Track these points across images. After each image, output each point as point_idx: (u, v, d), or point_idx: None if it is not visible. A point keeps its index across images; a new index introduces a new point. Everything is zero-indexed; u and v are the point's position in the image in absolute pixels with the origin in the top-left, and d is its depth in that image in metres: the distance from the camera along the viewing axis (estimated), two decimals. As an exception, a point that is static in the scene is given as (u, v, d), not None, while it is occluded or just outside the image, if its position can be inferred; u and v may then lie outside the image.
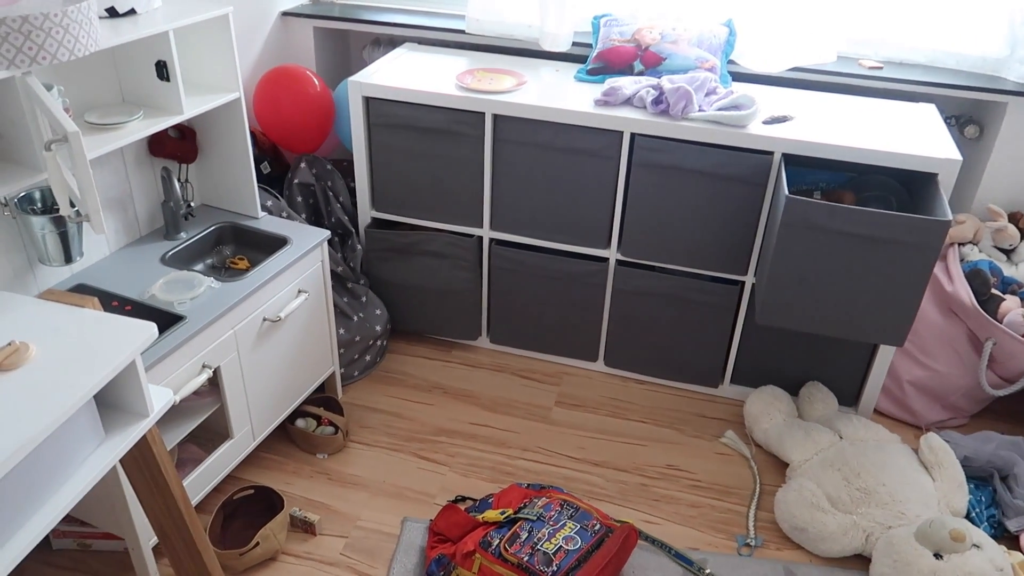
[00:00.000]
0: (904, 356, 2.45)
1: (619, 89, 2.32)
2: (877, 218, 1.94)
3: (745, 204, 2.26)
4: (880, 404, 2.51)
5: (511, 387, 2.61)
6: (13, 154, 1.67)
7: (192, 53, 2.09)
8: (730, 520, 2.15)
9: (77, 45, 1.52)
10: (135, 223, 2.19)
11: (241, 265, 2.24)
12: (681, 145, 2.23)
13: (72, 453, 1.27)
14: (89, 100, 1.96)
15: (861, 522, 2.01)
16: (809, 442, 2.22)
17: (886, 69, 2.52)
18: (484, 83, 2.41)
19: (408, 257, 2.65)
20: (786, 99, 2.43)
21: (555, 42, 2.61)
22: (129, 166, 2.13)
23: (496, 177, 2.46)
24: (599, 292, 2.54)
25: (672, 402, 2.58)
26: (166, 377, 1.78)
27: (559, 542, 1.82)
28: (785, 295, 2.09)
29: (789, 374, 2.51)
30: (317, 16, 2.81)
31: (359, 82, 2.42)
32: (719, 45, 2.51)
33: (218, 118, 2.19)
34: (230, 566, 1.92)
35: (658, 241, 2.39)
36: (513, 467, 2.29)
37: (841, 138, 2.16)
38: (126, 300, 1.93)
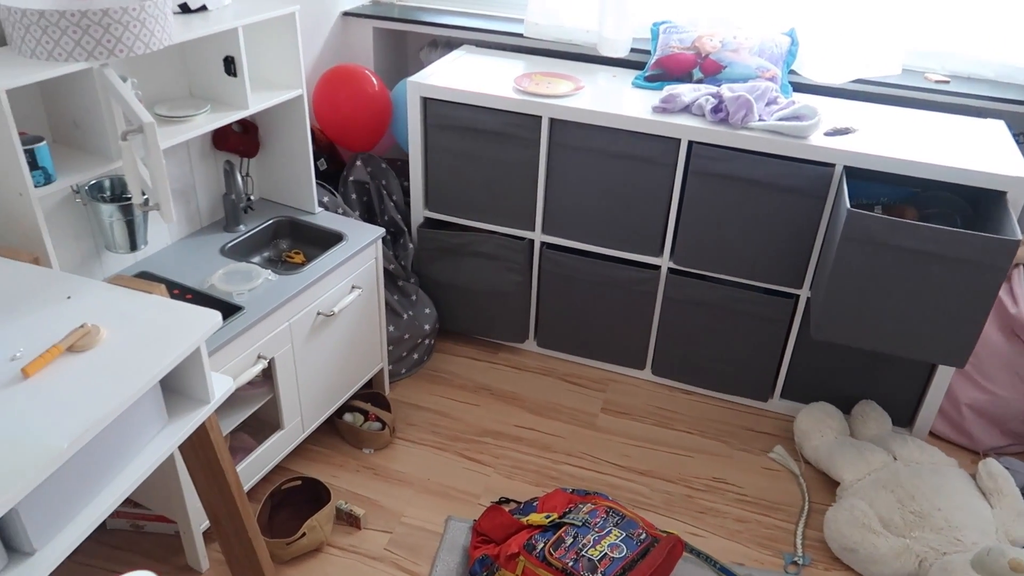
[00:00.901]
0: (963, 378, 2.39)
1: (678, 96, 2.31)
2: (942, 235, 1.89)
3: (803, 216, 2.22)
4: (936, 426, 2.45)
5: (557, 392, 2.60)
6: (87, 143, 1.73)
7: (258, 50, 2.13)
8: (777, 537, 2.12)
9: (152, 39, 1.56)
10: (197, 214, 2.24)
11: (297, 259, 2.27)
12: (739, 154, 2.20)
13: (137, 435, 1.30)
14: (159, 93, 2.01)
15: (914, 546, 1.95)
16: (862, 461, 2.18)
17: (953, 83, 2.46)
18: (541, 87, 2.41)
19: (459, 257, 2.67)
20: (848, 111, 2.39)
21: (613, 48, 2.60)
22: (194, 158, 2.18)
23: (550, 181, 2.46)
24: (649, 300, 2.52)
25: (719, 414, 2.55)
26: (223, 366, 1.82)
27: (604, 549, 1.81)
28: (842, 310, 2.05)
29: (842, 391, 2.46)
30: (377, 17, 2.84)
31: (418, 83, 2.44)
32: (781, 55, 2.47)
33: (280, 114, 2.23)
34: (276, 555, 1.94)
35: (712, 251, 2.36)
36: (557, 472, 2.29)
37: (905, 152, 2.11)
38: (187, 289, 1.97)
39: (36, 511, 1.11)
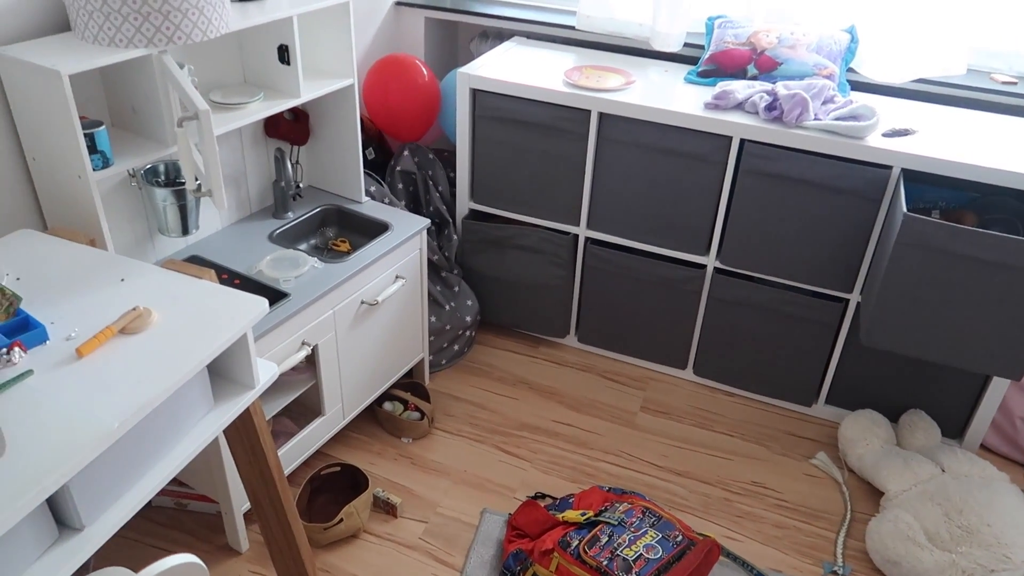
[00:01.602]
0: (1019, 391, 2.31)
1: (731, 93, 2.26)
2: (1002, 243, 1.82)
3: (857, 219, 2.17)
4: (988, 439, 2.37)
5: (596, 388, 2.59)
6: (144, 128, 1.76)
7: (311, 38, 2.15)
8: (817, 545, 2.08)
9: (210, 27, 1.58)
10: (247, 200, 2.27)
11: (343, 247, 2.29)
12: (793, 154, 2.15)
13: (184, 417, 1.33)
14: (214, 79, 2.04)
15: (960, 562, 1.90)
16: (908, 472, 2.12)
17: (1021, 85, 2.37)
18: (592, 80, 2.39)
19: (502, 250, 2.66)
20: (909, 112, 2.32)
21: (666, 42, 2.56)
22: (246, 145, 2.21)
23: (597, 176, 2.44)
24: (694, 299, 2.49)
25: (761, 417, 2.51)
26: (268, 351, 1.85)
27: (639, 550, 1.79)
28: (894, 317, 2.00)
29: (890, 399, 2.40)
30: (429, 7, 2.85)
31: (468, 74, 2.44)
32: (839, 52, 2.41)
33: (331, 103, 2.25)
34: (314, 539, 1.97)
35: (760, 251, 2.32)
36: (594, 469, 2.28)
37: (966, 155, 2.04)
38: (235, 274, 2.01)
39: (87, 488, 1.14)
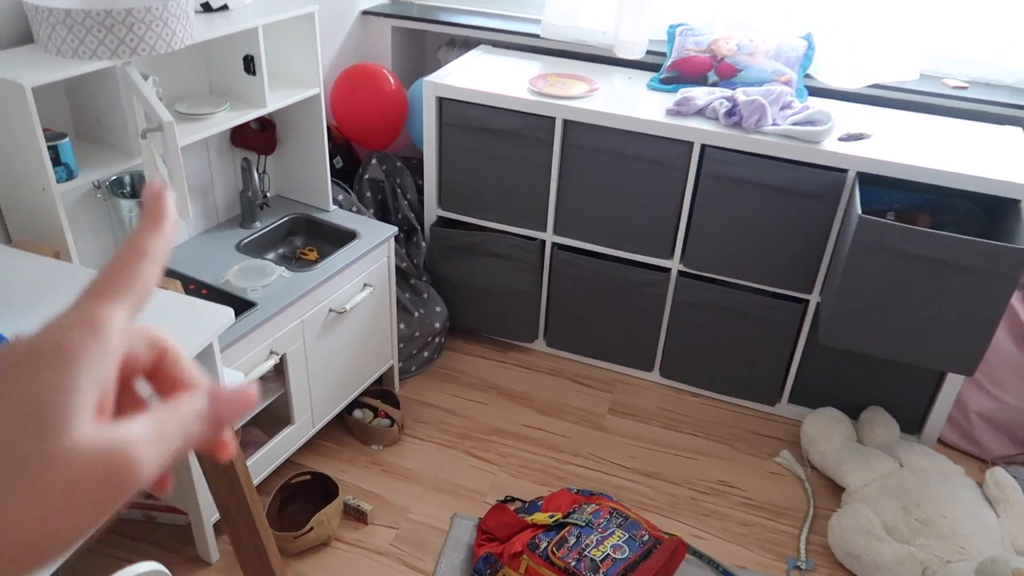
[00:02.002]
0: (973, 386, 2.38)
1: (692, 99, 2.31)
2: (953, 243, 1.89)
3: (815, 221, 2.23)
4: (944, 434, 2.44)
5: (565, 392, 2.62)
6: (109, 140, 1.76)
7: (277, 48, 2.16)
8: (780, 541, 2.13)
9: (174, 38, 1.59)
10: (214, 210, 2.28)
11: (311, 256, 2.30)
12: (752, 159, 2.21)
13: (150, 428, 1.34)
14: (180, 90, 2.04)
15: (919, 554, 1.96)
16: (868, 468, 2.18)
17: (971, 89, 2.44)
18: (556, 88, 2.43)
19: (471, 257, 2.69)
20: (864, 116, 2.38)
21: (629, 50, 2.61)
22: (212, 155, 2.21)
23: (563, 182, 2.47)
24: (659, 302, 2.53)
25: (727, 417, 2.56)
26: (236, 361, 1.85)
27: (607, 550, 1.82)
28: (852, 316, 2.05)
29: (850, 397, 2.46)
30: (396, 16, 2.87)
31: (434, 82, 2.46)
32: (797, 58, 2.47)
33: (298, 112, 2.26)
34: (285, 548, 1.98)
35: (722, 254, 2.37)
36: (564, 472, 2.31)
37: (920, 159, 2.11)
38: (202, 284, 2.01)
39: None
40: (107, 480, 0.29)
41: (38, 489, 0.28)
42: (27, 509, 0.28)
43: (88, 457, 0.29)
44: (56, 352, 0.30)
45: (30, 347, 0.30)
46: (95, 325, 0.31)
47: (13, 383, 0.29)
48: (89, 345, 0.31)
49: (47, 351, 0.30)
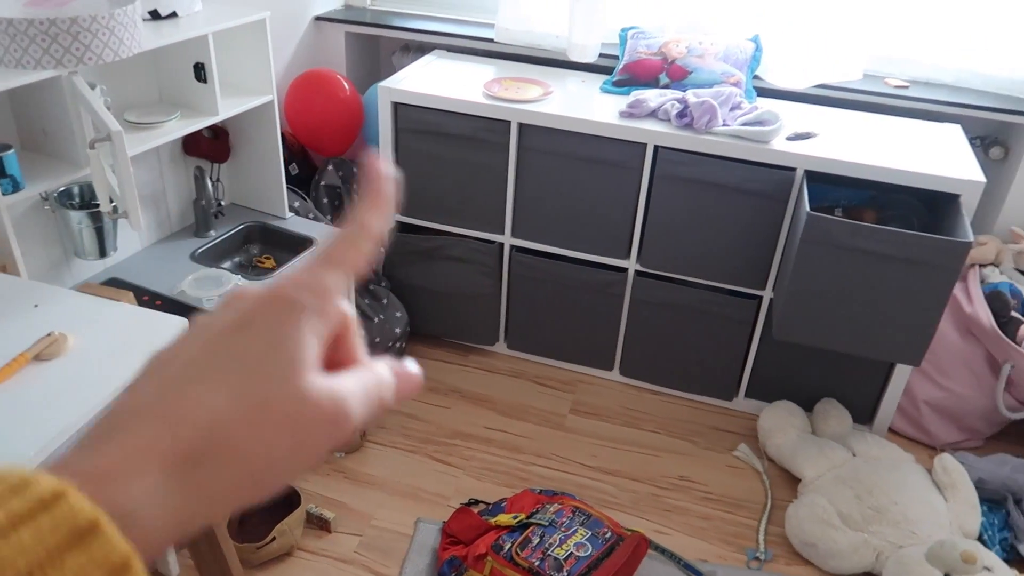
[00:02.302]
0: (921, 376, 2.46)
1: (644, 101, 2.35)
2: (897, 237, 1.95)
3: (766, 219, 2.28)
4: (895, 423, 2.52)
5: (527, 393, 2.64)
6: (56, 151, 1.73)
7: (228, 55, 2.15)
8: (740, 533, 2.17)
9: (122, 47, 1.58)
10: (167, 220, 2.25)
11: (267, 264, 2.29)
12: (704, 159, 2.25)
13: (104, 442, 1.32)
14: (129, 99, 2.02)
15: (872, 540, 2.02)
16: (822, 458, 2.23)
17: (912, 88, 2.52)
18: (511, 92, 2.45)
19: (430, 261, 2.69)
20: (811, 116, 2.44)
21: (582, 53, 2.64)
22: (164, 164, 2.19)
23: (520, 185, 2.49)
24: (617, 302, 2.57)
25: (686, 413, 2.60)
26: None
27: (570, 548, 1.85)
28: (803, 311, 2.11)
29: (804, 390, 2.52)
30: (349, 21, 2.86)
31: (389, 88, 2.47)
32: (745, 60, 2.53)
33: (251, 120, 2.25)
34: (247, 559, 1.96)
35: (678, 253, 2.41)
36: (527, 473, 2.32)
37: (864, 156, 2.17)
38: (157, 295, 1.98)
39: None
40: (326, 425, 0.33)
41: (274, 423, 0.31)
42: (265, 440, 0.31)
43: (314, 402, 0.32)
44: (292, 307, 0.34)
45: (271, 297, 0.34)
46: (324, 287, 0.35)
47: (261, 323, 0.33)
48: (319, 304, 0.34)
49: (286, 304, 0.34)
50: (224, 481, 0.31)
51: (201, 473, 0.30)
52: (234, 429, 0.31)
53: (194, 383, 0.31)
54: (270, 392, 0.31)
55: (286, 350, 0.32)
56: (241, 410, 0.31)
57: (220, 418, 0.31)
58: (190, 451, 0.30)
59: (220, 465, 0.30)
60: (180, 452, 0.30)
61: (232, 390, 0.31)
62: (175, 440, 0.30)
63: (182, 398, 0.31)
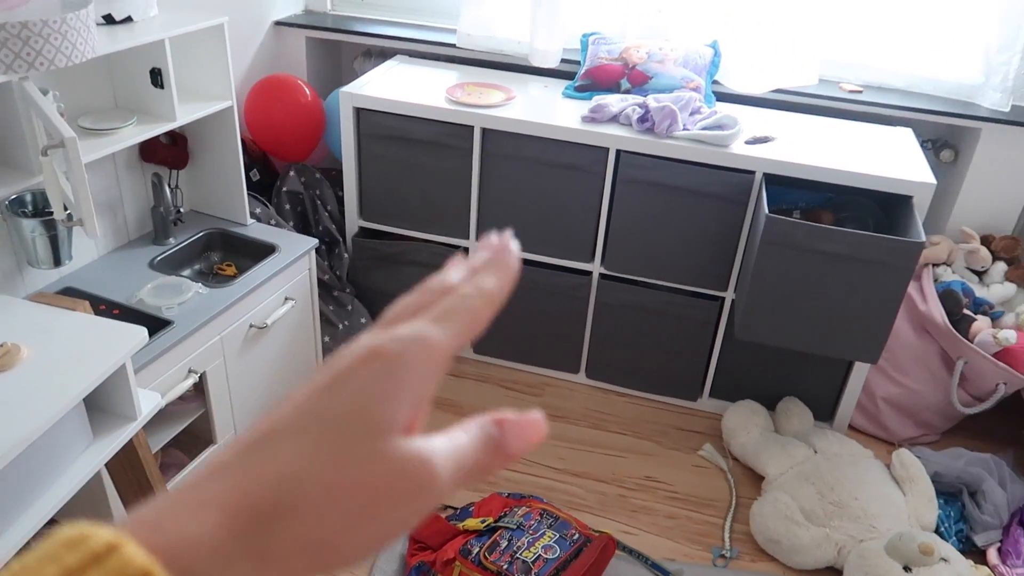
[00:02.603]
0: (878, 373, 2.51)
1: (606, 106, 2.37)
2: (853, 238, 1.99)
3: (726, 222, 2.31)
4: (855, 420, 2.57)
5: (494, 397, 2.64)
6: (7, 157, 1.69)
7: (186, 61, 2.12)
8: (706, 532, 2.19)
9: (75, 51, 1.55)
10: (124, 228, 2.21)
11: (229, 271, 2.26)
12: (665, 162, 2.28)
13: (60, 455, 1.29)
14: (83, 105, 1.98)
15: (834, 535, 2.05)
16: (785, 456, 2.27)
17: (865, 93, 2.59)
18: (473, 97, 2.45)
19: (395, 267, 2.68)
20: (768, 120, 2.49)
21: (544, 58, 2.65)
22: (120, 171, 2.15)
23: (483, 189, 2.49)
24: (582, 305, 2.58)
25: (652, 415, 2.62)
26: (152, 382, 1.80)
27: (538, 551, 1.85)
28: (763, 311, 2.14)
29: (767, 389, 2.56)
30: (310, 27, 2.84)
31: (350, 93, 2.45)
32: (704, 66, 2.57)
33: (210, 125, 2.22)
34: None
35: (641, 256, 2.43)
36: (494, 476, 2.32)
37: (821, 159, 2.22)
38: (114, 304, 1.95)
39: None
40: (408, 490, 0.31)
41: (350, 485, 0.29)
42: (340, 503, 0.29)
43: (396, 465, 0.30)
44: (392, 366, 0.32)
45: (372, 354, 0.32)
46: (432, 349, 0.33)
47: (351, 381, 0.31)
48: (422, 364, 0.32)
49: (385, 363, 0.32)
50: (291, 544, 0.29)
51: (267, 533, 0.28)
52: (307, 489, 0.29)
53: (274, 441, 0.30)
54: (349, 452, 0.30)
55: (374, 410, 0.31)
56: (316, 470, 0.29)
57: (293, 476, 0.29)
58: (258, 508, 0.28)
59: (289, 527, 0.28)
60: (248, 508, 0.28)
61: (309, 448, 0.30)
62: (243, 495, 0.28)
63: (258, 454, 0.30)
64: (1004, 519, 2.14)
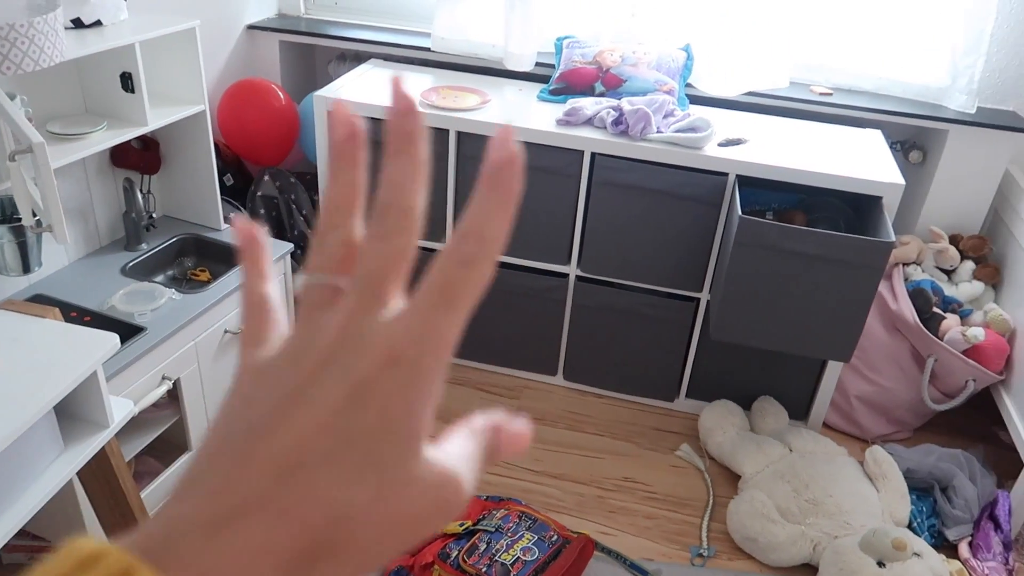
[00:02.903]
0: (851, 372, 2.54)
1: (580, 109, 2.39)
2: (825, 238, 2.02)
3: (701, 223, 2.33)
4: (829, 418, 2.60)
5: (471, 400, 2.64)
6: (-27, 163, 1.67)
7: (158, 65, 2.10)
8: (684, 531, 2.21)
9: (42, 56, 1.53)
10: (95, 233, 2.18)
11: (203, 277, 2.24)
12: (639, 165, 2.29)
13: (31, 464, 1.27)
14: (52, 110, 1.95)
15: (809, 532, 2.08)
16: (761, 455, 2.29)
17: (835, 96, 2.62)
18: (448, 100, 2.45)
19: (371, 271, 2.67)
20: (741, 122, 2.52)
21: (519, 62, 2.66)
22: (91, 176, 2.12)
23: (460, 193, 2.50)
24: (559, 307, 2.59)
25: (629, 416, 2.64)
26: (125, 389, 1.78)
27: (517, 553, 1.85)
28: (738, 312, 2.16)
29: (742, 389, 2.58)
30: (283, 30, 2.83)
31: (324, 97, 2.44)
32: (677, 69, 2.59)
33: (182, 130, 2.20)
34: None
35: (617, 258, 2.45)
36: (473, 479, 2.32)
37: (792, 161, 2.25)
38: (85, 311, 1.92)
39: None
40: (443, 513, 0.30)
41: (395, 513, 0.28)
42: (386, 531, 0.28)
43: (435, 490, 0.29)
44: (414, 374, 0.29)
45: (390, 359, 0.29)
46: (444, 344, 0.29)
47: (375, 393, 0.28)
48: (440, 366, 0.30)
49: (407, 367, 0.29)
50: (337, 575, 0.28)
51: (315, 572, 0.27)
52: (356, 529, 0.28)
53: (315, 470, 0.28)
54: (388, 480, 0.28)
55: (404, 427, 0.29)
56: (362, 506, 0.28)
57: (343, 517, 0.27)
58: (308, 550, 0.27)
59: (338, 562, 0.27)
60: (297, 551, 0.27)
61: (349, 478, 0.28)
62: (294, 539, 0.27)
63: (304, 490, 0.27)
64: (974, 513, 2.17)
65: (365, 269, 0.31)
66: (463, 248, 0.30)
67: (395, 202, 0.31)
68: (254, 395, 0.30)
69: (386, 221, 0.31)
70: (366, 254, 0.31)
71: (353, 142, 0.33)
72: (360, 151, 0.33)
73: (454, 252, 0.30)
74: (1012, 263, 2.49)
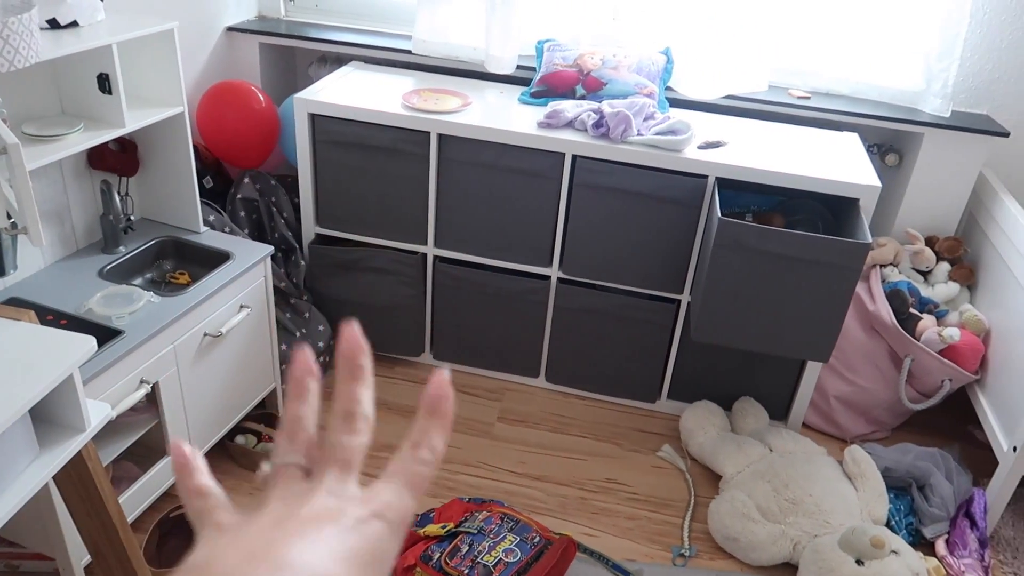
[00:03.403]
0: (830, 372, 2.57)
1: (561, 112, 2.39)
2: (803, 240, 2.04)
3: (681, 225, 2.35)
4: (808, 418, 2.62)
5: (454, 403, 2.63)
6: (-54, 164, 1.64)
7: (135, 66, 2.08)
8: (666, 532, 2.22)
9: (17, 56, 1.51)
10: (72, 236, 2.16)
11: (182, 280, 2.22)
12: (620, 167, 2.31)
13: (5, 468, 1.25)
14: (27, 111, 1.93)
15: (789, 531, 2.09)
16: (741, 455, 2.31)
17: (813, 99, 2.65)
18: (430, 103, 2.45)
19: (352, 273, 2.66)
20: (720, 125, 2.54)
21: (500, 65, 2.67)
22: (67, 178, 2.10)
23: (441, 195, 2.49)
24: (541, 309, 2.59)
25: (611, 417, 2.65)
26: (102, 392, 1.76)
27: (499, 555, 1.85)
28: (718, 313, 2.18)
29: (723, 389, 2.60)
30: (263, 32, 2.81)
31: (305, 99, 2.44)
32: (657, 72, 2.61)
33: (161, 132, 2.18)
34: (166, 585, 1.89)
35: (598, 260, 2.46)
36: (455, 482, 2.32)
37: (771, 164, 2.27)
38: (62, 314, 1.90)
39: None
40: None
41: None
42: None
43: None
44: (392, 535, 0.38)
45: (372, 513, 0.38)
46: (405, 523, 0.39)
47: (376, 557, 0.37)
48: (406, 528, 0.40)
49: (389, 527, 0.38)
50: None
51: None
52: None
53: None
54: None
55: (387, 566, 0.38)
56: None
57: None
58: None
59: None
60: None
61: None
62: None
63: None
64: (951, 511, 2.20)
65: (339, 455, 0.40)
66: (419, 454, 0.42)
67: (357, 412, 0.42)
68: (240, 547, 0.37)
69: (354, 423, 0.41)
70: (338, 444, 0.41)
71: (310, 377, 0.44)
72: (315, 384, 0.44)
73: (413, 456, 0.41)
74: (986, 264, 2.53)
